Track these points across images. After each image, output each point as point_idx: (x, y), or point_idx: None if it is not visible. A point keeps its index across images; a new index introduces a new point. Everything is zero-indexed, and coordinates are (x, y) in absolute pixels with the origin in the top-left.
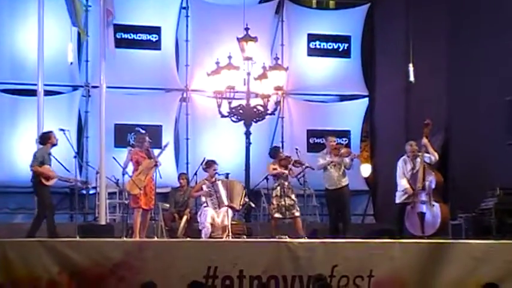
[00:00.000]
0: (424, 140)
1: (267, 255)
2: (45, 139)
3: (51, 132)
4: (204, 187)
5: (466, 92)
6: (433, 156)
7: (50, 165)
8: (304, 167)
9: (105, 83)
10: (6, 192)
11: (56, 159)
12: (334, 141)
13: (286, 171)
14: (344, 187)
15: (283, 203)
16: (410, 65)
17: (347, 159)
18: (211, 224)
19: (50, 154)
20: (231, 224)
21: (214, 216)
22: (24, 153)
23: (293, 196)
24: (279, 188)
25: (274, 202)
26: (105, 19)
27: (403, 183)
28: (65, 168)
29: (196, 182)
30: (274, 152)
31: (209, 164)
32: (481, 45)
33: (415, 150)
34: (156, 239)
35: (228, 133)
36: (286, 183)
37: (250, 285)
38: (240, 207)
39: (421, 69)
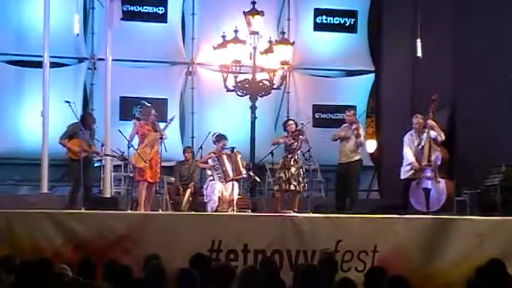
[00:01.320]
0: (431, 122)
1: (272, 230)
2: (83, 118)
3: (92, 117)
4: (210, 161)
5: (473, 68)
6: (439, 136)
7: (84, 139)
8: (301, 139)
9: (111, 56)
10: (11, 164)
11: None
12: (350, 115)
13: (288, 142)
14: (353, 162)
15: (282, 175)
16: (418, 40)
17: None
18: (219, 198)
19: (82, 130)
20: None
21: (222, 190)
22: (29, 125)
23: (293, 170)
24: (281, 160)
25: (276, 175)
26: None
27: (409, 157)
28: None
29: (201, 156)
30: (283, 125)
31: (219, 138)
32: (488, 21)
33: (421, 123)
34: (160, 212)
35: (233, 107)
36: (289, 156)
37: (255, 259)
38: (244, 170)
39: (428, 44)
